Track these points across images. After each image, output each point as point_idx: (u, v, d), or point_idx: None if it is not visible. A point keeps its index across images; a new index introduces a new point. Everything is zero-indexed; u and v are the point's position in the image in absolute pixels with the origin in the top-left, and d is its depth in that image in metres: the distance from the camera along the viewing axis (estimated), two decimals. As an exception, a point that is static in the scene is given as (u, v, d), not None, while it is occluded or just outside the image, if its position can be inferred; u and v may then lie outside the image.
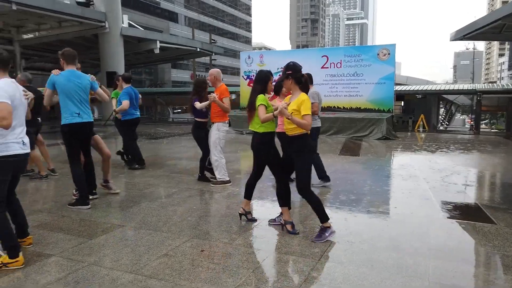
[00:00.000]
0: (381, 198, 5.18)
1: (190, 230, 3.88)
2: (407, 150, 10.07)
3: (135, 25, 24.25)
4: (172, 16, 67.74)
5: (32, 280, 2.82)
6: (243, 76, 16.97)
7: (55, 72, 4.56)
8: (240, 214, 4.13)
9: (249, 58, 16.86)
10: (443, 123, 26.79)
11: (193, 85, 6.24)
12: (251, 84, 16.85)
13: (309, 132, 3.61)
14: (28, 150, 3.26)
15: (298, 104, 3.53)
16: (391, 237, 3.72)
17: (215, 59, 46.86)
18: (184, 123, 21.05)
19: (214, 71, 5.77)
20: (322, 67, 15.39)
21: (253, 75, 16.68)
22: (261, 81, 4.05)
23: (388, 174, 6.97)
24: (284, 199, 3.88)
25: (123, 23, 23.03)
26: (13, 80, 3.18)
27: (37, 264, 3.08)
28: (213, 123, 5.74)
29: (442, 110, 28.91)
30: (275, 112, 3.59)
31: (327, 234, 3.62)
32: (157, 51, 20.69)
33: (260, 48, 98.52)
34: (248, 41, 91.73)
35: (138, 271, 2.95)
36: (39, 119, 6.18)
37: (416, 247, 3.47)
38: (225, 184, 5.74)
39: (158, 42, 20.47)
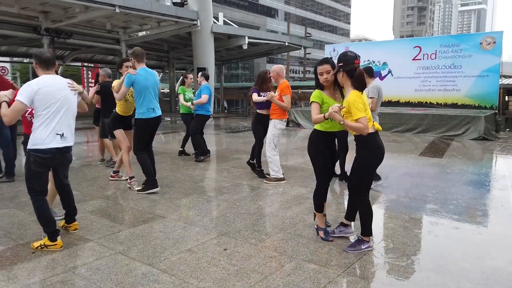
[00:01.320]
0: (449, 208, 4.55)
1: (223, 227, 3.87)
2: (506, 154, 8.74)
3: (229, 22, 25.15)
4: (270, 12, 68.81)
5: (63, 263, 3.07)
6: (327, 70, 16.47)
7: (132, 72, 4.91)
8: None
9: (334, 50, 16.26)
10: None
11: (256, 76, 6.24)
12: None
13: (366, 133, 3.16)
14: (67, 144, 3.39)
15: (347, 106, 3.15)
16: (438, 255, 3.23)
17: (309, 53, 46.41)
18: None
19: (276, 67, 5.67)
20: (414, 59, 14.17)
21: (338, 69, 16.13)
22: (315, 74, 3.54)
23: (471, 180, 6.10)
24: (316, 202, 3.62)
25: (218, 21, 24.10)
26: (56, 76, 3.42)
27: (74, 248, 3.35)
28: (270, 119, 5.66)
29: None
30: (326, 114, 3.20)
31: (363, 247, 3.29)
32: (245, 46, 21.21)
33: (360, 40, 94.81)
34: (346, 33, 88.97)
35: (155, 265, 3.03)
36: (115, 110, 6.78)
37: (467, 268, 2.96)
38: (279, 182, 5.62)
39: (246, 38, 20.96)
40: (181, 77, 7.92)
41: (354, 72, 3.18)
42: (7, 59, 25.16)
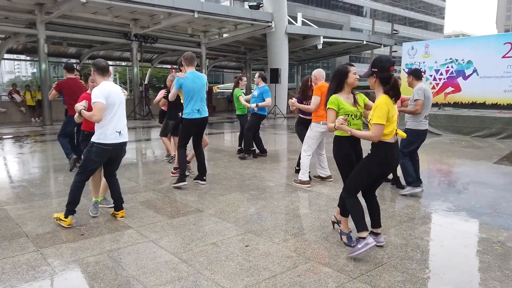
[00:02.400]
0: (498, 220, 4.14)
1: (253, 224, 4.00)
2: None
3: (308, 22, 25.10)
4: (355, 9, 66.93)
5: (102, 246, 3.47)
6: (404, 69, 15.60)
7: (181, 75, 5.31)
8: (333, 222, 3.86)
9: (412, 49, 15.37)
10: None
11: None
12: None
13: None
14: (124, 140, 3.98)
15: (372, 109, 3.11)
16: (467, 272, 3.00)
17: (395, 51, 44.19)
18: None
19: (315, 71, 5.68)
20: (504, 57, 12.79)
21: (416, 68, 15.19)
22: (335, 77, 3.53)
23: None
24: (344, 208, 3.57)
25: (296, 21, 24.21)
26: (110, 83, 3.94)
27: (115, 234, 3.76)
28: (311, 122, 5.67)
29: None
30: (334, 126, 3.26)
31: (359, 246, 3.14)
32: (320, 46, 20.99)
33: (457, 36, 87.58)
34: (439, 29, 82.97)
35: (178, 254, 3.27)
36: (180, 114, 7.29)
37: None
38: (303, 185, 5.54)
39: (321, 37, 20.73)
40: (236, 79, 8.13)
41: (388, 80, 3.11)
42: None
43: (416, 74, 5.27)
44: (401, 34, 57.71)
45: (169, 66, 31.72)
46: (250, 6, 18.83)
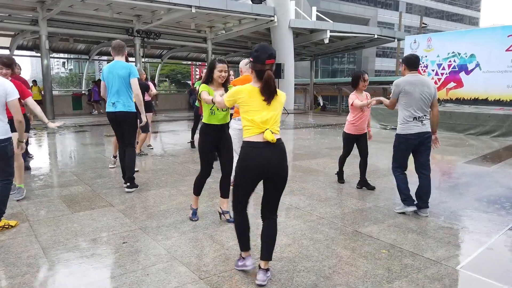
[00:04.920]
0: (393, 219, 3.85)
1: (151, 221, 3.91)
2: None
3: (323, 17, 24.56)
4: (383, 2, 65.13)
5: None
6: (406, 64, 15.01)
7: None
8: (219, 213, 3.94)
9: (414, 42, 14.78)
10: None
11: None
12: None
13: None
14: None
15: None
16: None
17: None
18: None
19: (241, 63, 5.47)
20: (508, 50, 12.07)
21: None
22: (207, 68, 3.76)
23: (490, 195, 5.00)
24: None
25: (311, 16, 23.79)
26: None
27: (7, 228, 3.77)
28: None
29: None
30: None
31: (239, 263, 2.88)
32: (326, 41, 20.54)
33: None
34: (475, 22, 79.49)
35: (47, 249, 3.23)
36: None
37: None
38: None
39: (328, 32, 20.26)
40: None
41: (262, 75, 2.61)
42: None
43: (408, 62, 4.10)
44: (432, 27, 55.72)
45: (186, 62, 32.13)
46: (252, 1, 18.61)
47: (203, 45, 21.90)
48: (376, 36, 22.63)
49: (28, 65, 67.95)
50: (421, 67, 14.47)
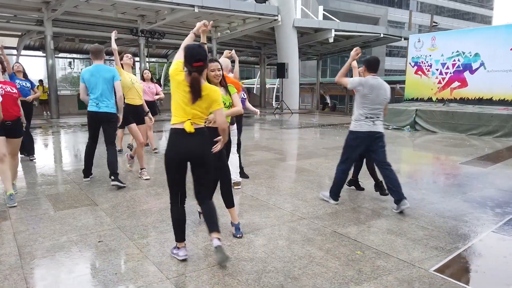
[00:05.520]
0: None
1: (131, 220, 3.92)
2: None
3: (330, 16, 24.51)
4: (393, 1, 64.48)
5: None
6: (410, 63, 14.86)
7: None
8: (199, 213, 3.88)
9: (418, 41, 14.61)
10: None
11: None
12: (419, 72, 15.43)
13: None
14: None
15: None
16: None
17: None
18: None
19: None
20: (512, 49, 11.85)
21: (422, 61, 14.42)
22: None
23: (480, 197, 4.90)
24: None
25: (317, 15, 23.72)
26: None
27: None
28: None
29: None
30: None
31: (173, 251, 3.09)
32: (331, 40, 20.43)
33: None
34: (487, 20, 78.24)
35: (22, 247, 3.26)
36: None
37: None
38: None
39: (332, 31, 20.15)
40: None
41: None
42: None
43: (369, 64, 4.22)
44: (444, 26, 54.97)
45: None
46: (256, 0, 18.59)
47: (209, 45, 21.91)
48: (382, 35, 22.46)
49: (41, 65, 68.81)
50: (424, 66, 14.32)
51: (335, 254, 3.17)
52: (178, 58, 2.86)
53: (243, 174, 5.57)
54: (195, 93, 2.76)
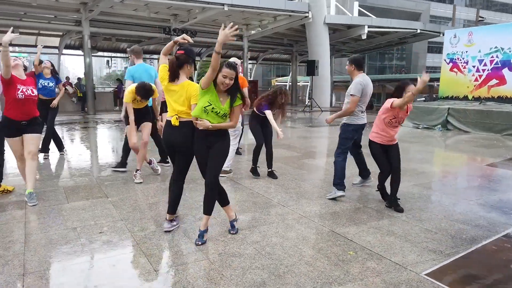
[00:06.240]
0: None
1: (136, 213, 4.06)
2: None
3: (365, 12, 24.00)
4: (437, -6, 61.82)
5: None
6: (445, 60, 14.25)
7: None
8: None
9: (454, 37, 14.01)
10: None
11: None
12: (454, 69, 15.03)
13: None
14: None
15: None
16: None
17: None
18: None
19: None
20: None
21: (458, 58, 13.80)
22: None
23: (488, 202, 4.64)
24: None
25: (352, 12, 23.25)
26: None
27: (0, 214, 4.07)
28: None
29: None
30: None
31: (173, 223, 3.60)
32: (364, 36, 19.97)
33: None
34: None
35: (29, 235, 3.46)
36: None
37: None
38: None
39: (366, 27, 19.68)
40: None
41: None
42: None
43: (358, 63, 4.54)
44: (491, 21, 52.13)
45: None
46: (287, -3, 18.47)
47: (239, 43, 22.09)
48: (418, 31, 21.68)
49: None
50: (461, 63, 13.69)
51: (326, 253, 3.13)
52: (162, 63, 3.38)
53: (271, 174, 5.62)
54: (172, 74, 3.29)
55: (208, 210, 3.30)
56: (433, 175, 5.99)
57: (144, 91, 4.91)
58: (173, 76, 3.28)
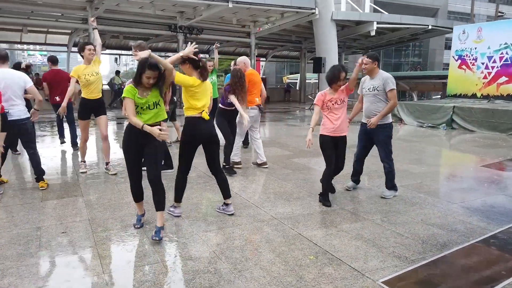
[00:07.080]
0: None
1: (113, 212, 4.02)
2: None
3: (377, 8, 23.49)
4: (458, -10, 60.44)
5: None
6: (453, 56, 13.88)
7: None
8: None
9: (463, 33, 13.62)
10: None
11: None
12: (463, 66, 14.81)
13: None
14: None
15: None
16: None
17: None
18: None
19: (243, 59, 5.58)
20: None
21: (467, 55, 13.41)
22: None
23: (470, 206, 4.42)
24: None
25: (364, 8, 22.80)
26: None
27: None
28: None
29: None
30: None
31: (171, 209, 3.92)
32: (373, 33, 19.54)
33: None
34: None
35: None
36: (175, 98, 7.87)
37: None
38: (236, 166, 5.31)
39: (375, 23, 19.27)
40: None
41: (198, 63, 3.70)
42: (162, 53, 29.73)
43: (378, 60, 4.53)
44: (504, 15, 50.72)
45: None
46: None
47: (247, 40, 21.98)
48: (430, 27, 21.14)
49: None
50: (469, 60, 13.30)
51: (285, 258, 3.02)
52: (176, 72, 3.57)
53: (229, 170, 5.55)
54: (206, 74, 3.87)
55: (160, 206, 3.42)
56: (423, 176, 5.78)
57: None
58: (206, 75, 3.78)
